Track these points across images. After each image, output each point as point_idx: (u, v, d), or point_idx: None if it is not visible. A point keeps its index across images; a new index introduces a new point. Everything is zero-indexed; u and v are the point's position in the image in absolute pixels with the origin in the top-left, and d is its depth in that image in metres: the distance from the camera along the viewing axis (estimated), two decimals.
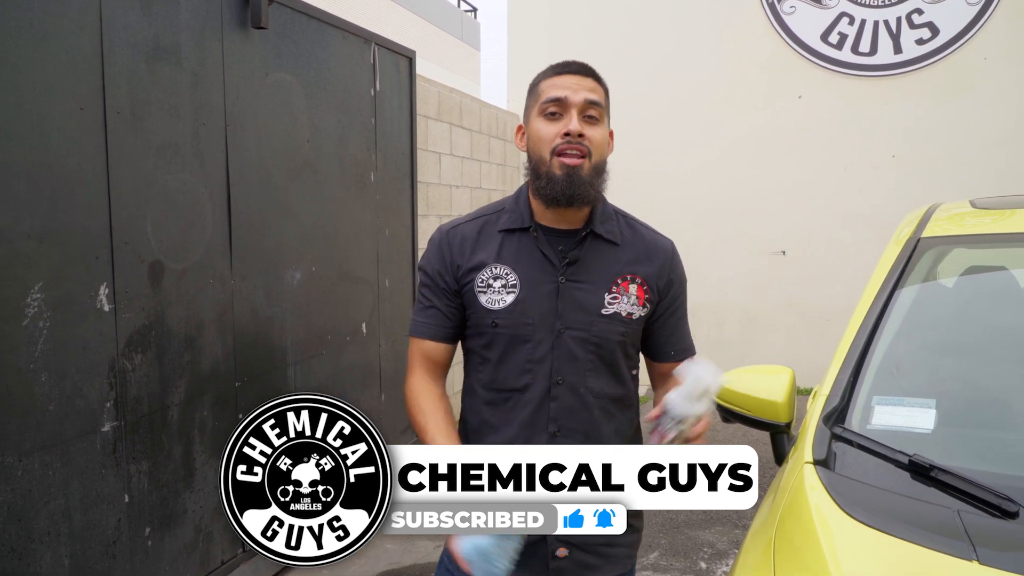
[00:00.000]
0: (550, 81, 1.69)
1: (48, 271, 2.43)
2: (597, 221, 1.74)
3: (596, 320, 1.70)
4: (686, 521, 4.27)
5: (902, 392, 1.96)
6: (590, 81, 1.69)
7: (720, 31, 6.99)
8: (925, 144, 6.63)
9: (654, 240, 1.82)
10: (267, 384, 3.49)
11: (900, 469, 1.68)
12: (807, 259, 6.96)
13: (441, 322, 1.76)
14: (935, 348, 2.16)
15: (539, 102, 1.69)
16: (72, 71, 2.50)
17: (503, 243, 1.73)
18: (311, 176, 3.75)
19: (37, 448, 2.41)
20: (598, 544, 1.75)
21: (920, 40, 6.60)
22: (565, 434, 1.70)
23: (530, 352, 1.70)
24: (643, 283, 1.75)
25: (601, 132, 1.69)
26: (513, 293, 1.70)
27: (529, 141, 1.72)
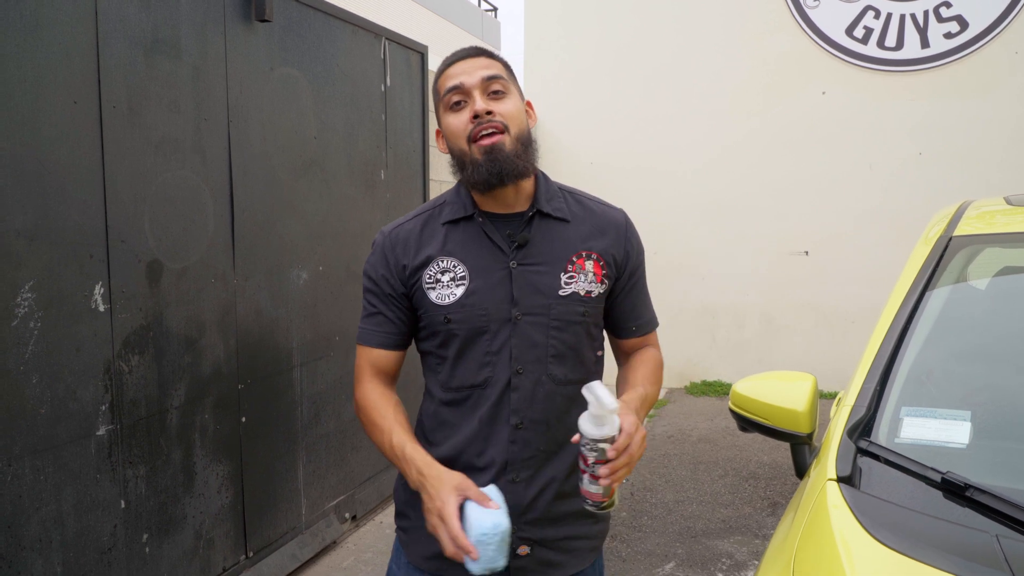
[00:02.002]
0: (445, 74, 1.63)
1: (39, 270, 2.35)
2: (543, 200, 1.66)
3: (554, 302, 1.62)
4: (704, 530, 4.15)
5: (933, 403, 1.83)
6: (482, 60, 1.62)
7: (741, 25, 6.83)
8: (953, 141, 6.44)
9: (605, 213, 1.74)
10: (272, 387, 3.40)
11: (932, 488, 1.55)
12: (830, 259, 6.79)
13: (388, 328, 1.69)
14: (969, 355, 2.02)
15: (442, 98, 1.63)
16: (65, 63, 2.42)
17: (448, 235, 1.65)
18: (318, 173, 3.66)
19: (28, 452, 2.33)
20: (560, 539, 1.67)
21: (948, 34, 6.41)
22: (528, 426, 1.62)
23: (487, 344, 1.61)
24: (599, 258, 1.67)
25: (512, 103, 1.61)
26: (463, 285, 1.62)
27: (447, 140, 1.64)
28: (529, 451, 1.62)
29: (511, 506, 1.60)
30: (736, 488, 4.75)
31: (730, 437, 5.75)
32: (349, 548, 3.88)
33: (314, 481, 3.71)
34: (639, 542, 4.00)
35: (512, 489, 1.62)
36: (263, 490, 3.36)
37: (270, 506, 3.41)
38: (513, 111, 1.60)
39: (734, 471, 5.05)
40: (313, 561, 3.69)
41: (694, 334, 7.07)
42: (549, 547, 1.66)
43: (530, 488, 1.63)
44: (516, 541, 1.62)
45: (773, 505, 4.48)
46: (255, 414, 3.29)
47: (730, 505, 4.49)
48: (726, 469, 5.08)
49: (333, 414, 3.84)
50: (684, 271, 7.02)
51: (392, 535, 4.02)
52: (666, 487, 4.77)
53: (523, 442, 1.62)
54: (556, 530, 1.67)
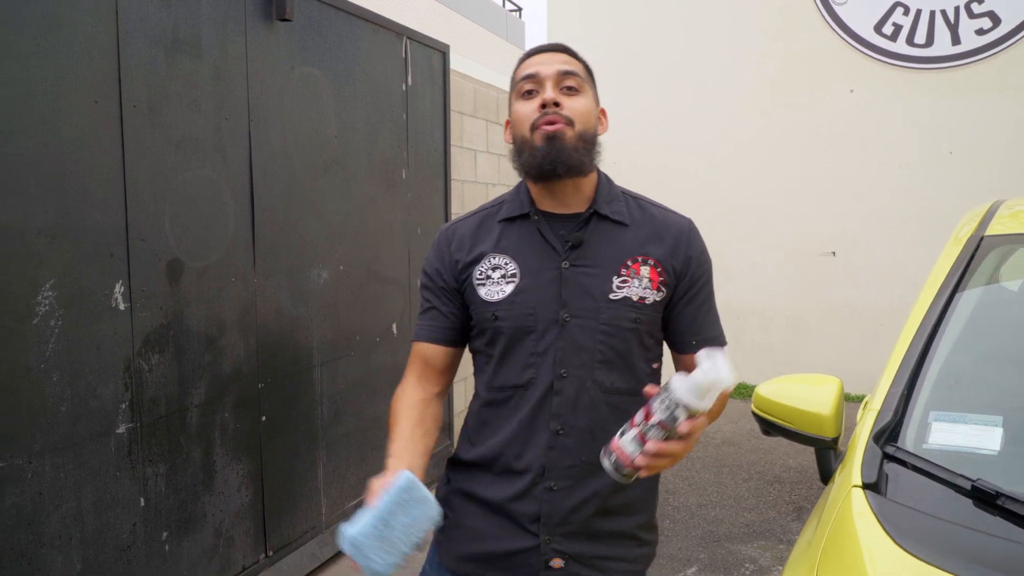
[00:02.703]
0: (524, 64, 1.62)
1: (60, 268, 2.35)
2: (602, 201, 1.62)
3: (604, 306, 1.56)
4: (727, 534, 4.09)
5: (963, 407, 1.77)
6: (563, 55, 1.61)
7: (767, 22, 6.76)
8: (985, 139, 6.33)
9: (668, 218, 1.67)
10: (292, 386, 3.39)
11: (961, 496, 1.50)
12: (858, 260, 6.69)
13: (439, 323, 1.67)
14: (1000, 358, 1.96)
15: (515, 85, 1.61)
16: (86, 63, 2.42)
17: (503, 233, 1.63)
18: (339, 172, 3.65)
19: (48, 450, 2.34)
20: (597, 557, 1.61)
21: (980, 30, 6.30)
22: (568, 432, 1.57)
23: (533, 345, 1.57)
24: (656, 264, 1.60)
25: (584, 102, 1.58)
26: (512, 283, 1.58)
27: (513, 128, 1.62)
28: (569, 459, 1.57)
29: (547, 514, 1.58)
30: (760, 492, 4.69)
31: (755, 440, 5.68)
32: None
33: (334, 480, 3.71)
34: (661, 546, 3.95)
35: (550, 497, 1.58)
36: (283, 489, 3.35)
37: (290, 505, 3.41)
38: (583, 109, 1.57)
39: (758, 474, 4.99)
40: (333, 561, 3.68)
41: None
42: (584, 563, 1.60)
43: (569, 499, 1.57)
44: (550, 552, 1.59)
45: (798, 510, 4.42)
46: (275, 413, 3.28)
47: (754, 509, 4.43)
48: (750, 472, 5.02)
49: (353, 413, 3.83)
50: None
51: None
52: (689, 490, 4.71)
53: (563, 449, 1.57)
54: (594, 547, 1.60)
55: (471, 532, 1.64)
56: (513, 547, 1.59)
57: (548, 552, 1.58)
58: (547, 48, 1.62)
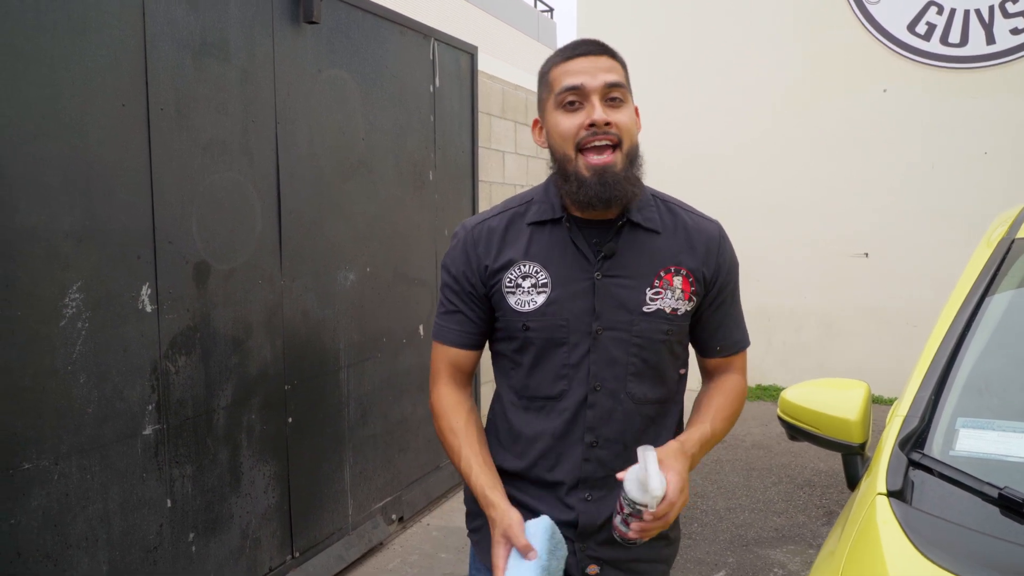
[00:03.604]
0: (562, 68, 1.51)
1: (87, 271, 2.38)
2: (635, 209, 1.56)
3: (638, 319, 1.53)
4: (756, 539, 4.05)
5: (991, 414, 1.74)
6: (606, 60, 1.50)
7: (800, 21, 6.68)
8: (1019, 140, 6.20)
9: (698, 225, 1.63)
10: (318, 387, 3.41)
11: (988, 504, 1.47)
12: (891, 261, 6.59)
13: (468, 328, 1.63)
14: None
15: (554, 93, 1.51)
16: (113, 67, 2.45)
17: (532, 238, 1.57)
18: (366, 174, 3.67)
19: (75, 451, 2.37)
20: (631, 560, 1.61)
21: (1015, 30, 6.17)
22: (603, 445, 1.56)
23: (565, 356, 1.54)
24: (689, 275, 1.57)
25: (627, 114, 1.50)
26: (544, 293, 1.54)
27: (550, 137, 1.54)
28: (604, 470, 1.57)
29: (583, 525, 1.58)
30: (790, 496, 4.64)
31: (785, 443, 5.62)
32: (395, 550, 3.87)
33: (361, 482, 3.72)
34: (689, 550, 3.92)
35: (585, 508, 1.58)
36: (310, 491, 3.37)
37: (316, 507, 3.43)
38: (628, 123, 1.50)
39: (788, 478, 4.93)
40: (359, 562, 3.69)
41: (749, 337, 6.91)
42: (620, 568, 1.61)
43: (603, 508, 1.57)
44: (585, 560, 1.59)
45: (828, 514, 4.36)
46: (302, 415, 3.30)
47: (783, 513, 4.38)
48: (780, 476, 4.96)
49: (380, 415, 3.84)
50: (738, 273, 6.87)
51: (437, 537, 4.01)
52: (718, 494, 4.67)
53: (597, 461, 1.57)
54: (628, 551, 1.60)
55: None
56: None
57: (584, 560, 1.58)
58: (588, 50, 1.51)
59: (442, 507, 4.36)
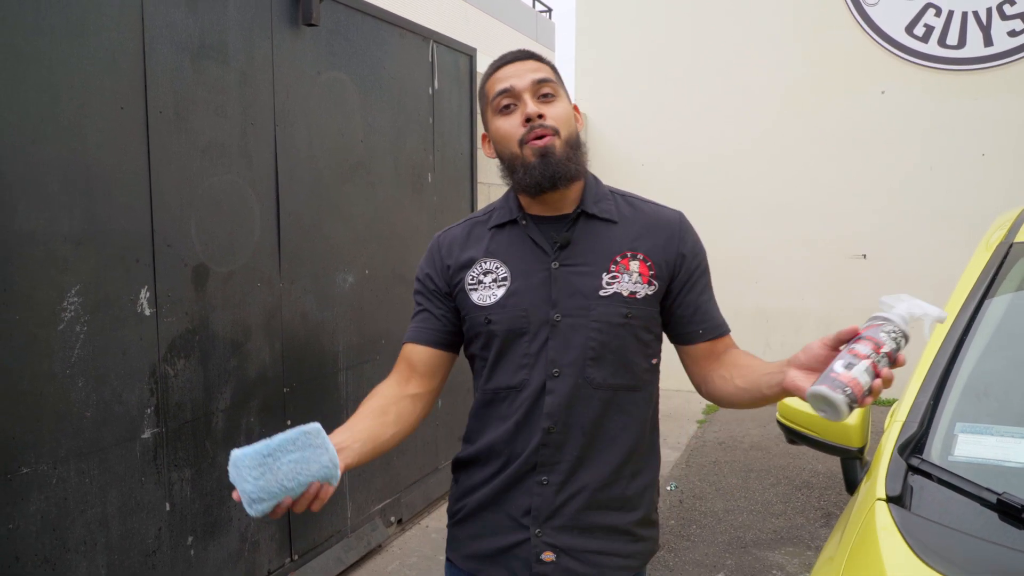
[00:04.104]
0: (493, 77, 1.62)
1: (86, 274, 2.38)
2: (589, 201, 1.63)
3: (594, 303, 1.57)
4: (754, 540, 4.05)
5: (990, 419, 1.74)
6: (531, 62, 1.61)
7: (798, 23, 6.68)
8: (1018, 142, 6.21)
9: (657, 213, 1.68)
10: (317, 390, 3.41)
11: (986, 509, 1.47)
12: (889, 263, 6.60)
13: (428, 324, 1.68)
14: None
15: (490, 101, 1.61)
16: (112, 69, 2.45)
17: (493, 238, 1.65)
18: (364, 176, 3.66)
19: (73, 455, 2.36)
20: (588, 552, 1.61)
21: (1012, 32, 6.19)
22: (560, 430, 1.58)
23: (526, 346, 1.58)
24: (646, 258, 1.61)
25: (562, 107, 1.59)
26: (504, 286, 1.60)
27: (496, 144, 1.63)
28: (559, 455, 1.59)
29: (537, 508, 1.61)
30: (788, 497, 4.64)
31: (783, 445, 5.62)
32: (394, 552, 3.87)
33: (360, 485, 3.72)
34: (687, 551, 3.92)
35: (541, 492, 1.60)
36: None
37: None
38: (563, 114, 1.58)
39: (787, 480, 4.93)
40: (358, 565, 3.69)
41: (747, 338, 6.92)
42: (575, 558, 1.61)
43: (560, 493, 1.59)
44: (541, 546, 1.61)
45: (827, 516, 4.36)
46: (301, 417, 3.30)
47: (782, 515, 4.38)
48: (778, 477, 4.97)
49: None
50: (737, 274, 6.88)
51: (436, 539, 4.01)
52: (716, 495, 4.67)
53: (554, 446, 1.59)
54: (585, 541, 1.62)
55: (471, 530, 1.69)
56: (507, 542, 1.63)
57: (539, 545, 1.60)
58: (513, 58, 1.62)
59: (440, 509, 4.36)
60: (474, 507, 1.67)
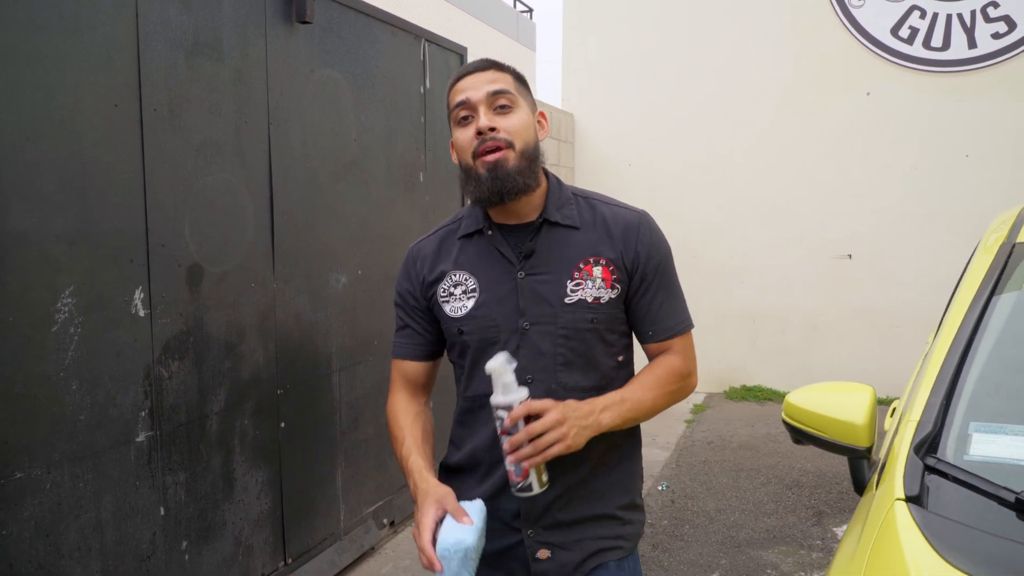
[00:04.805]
0: (454, 89, 1.65)
1: (79, 274, 2.33)
2: (552, 208, 1.66)
3: (560, 311, 1.62)
4: (747, 540, 4.05)
5: (1002, 418, 1.74)
6: (490, 73, 1.63)
7: (784, 25, 6.71)
8: (1001, 143, 6.27)
9: (618, 215, 1.70)
10: (311, 392, 3.37)
11: (1004, 508, 1.47)
12: (874, 263, 6.64)
13: (416, 340, 1.75)
14: None
15: (451, 112, 1.65)
16: (106, 67, 2.40)
17: (462, 249, 1.70)
18: (358, 176, 3.63)
19: (67, 460, 2.31)
20: (584, 539, 1.68)
21: (996, 34, 6.25)
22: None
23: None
24: (609, 263, 1.65)
25: (518, 118, 1.61)
26: (473, 297, 1.66)
27: (456, 153, 1.67)
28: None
29: (526, 512, 1.66)
30: (779, 496, 4.65)
31: (772, 444, 5.64)
32: (387, 555, 3.84)
33: (353, 487, 3.68)
34: (681, 551, 3.92)
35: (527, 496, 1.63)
36: (302, 496, 3.33)
37: (309, 512, 3.39)
38: (518, 126, 1.60)
39: (777, 479, 4.94)
40: (351, 567, 3.65)
41: (734, 338, 6.95)
42: (569, 549, 1.68)
43: (544, 496, 1.62)
44: (535, 545, 1.67)
45: (818, 515, 4.37)
46: (294, 419, 3.26)
47: (773, 514, 4.39)
48: (768, 476, 4.98)
49: (372, 419, 3.81)
50: (724, 274, 6.90)
51: None
52: (707, 495, 4.67)
53: None
54: (577, 532, 1.68)
55: None
56: (502, 545, 1.68)
57: (533, 545, 1.67)
58: (472, 69, 1.64)
59: None
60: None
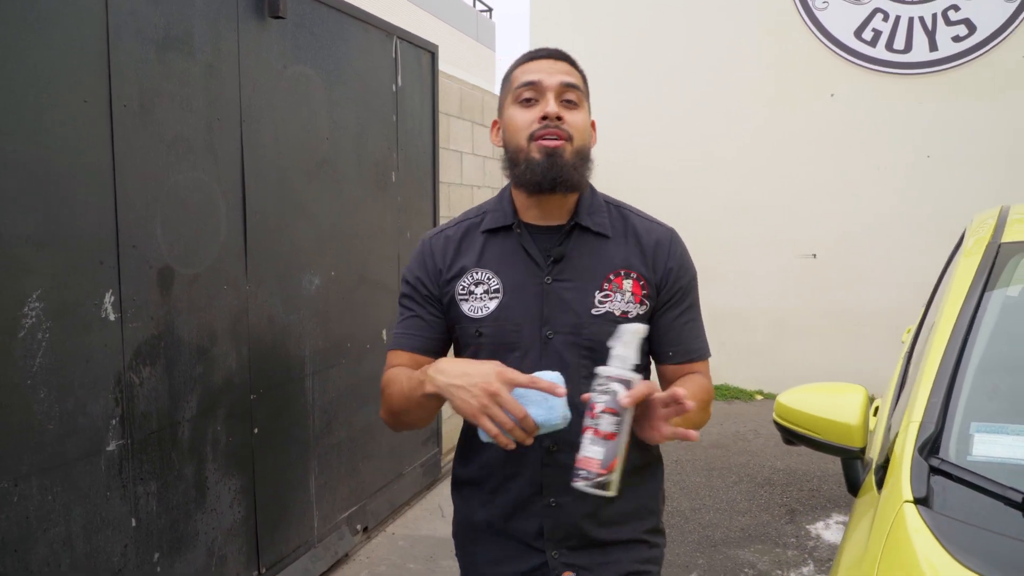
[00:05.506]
0: (523, 67, 1.57)
1: (48, 278, 2.23)
2: (584, 213, 1.58)
3: (586, 322, 1.53)
4: (723, 539, 4.05)
5: (1002, 418, 1.73)
6: (565, 64, 1.57)
7: (749, 27, 6.75)
8: (961, 144, 6.38)
9: (649, 229, 1.64)
10: (284, 396, 3.28)
11: (1012, 508, 1.46)
12: (839, 262, 6.71)
13: (422, 331, 1.62)
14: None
15: (512, 90, 1.56)
16: (75, 60, 2.30)
17: (486, 245, 1.60)
18: (330, 175, 3.55)
19: (35, 471, 2.21)
20: (610, 562, 1.59)
21: (956, 37, 6.35)
22: (563, 448, 1.52)
23: (517, 361, 1.52)
24: (640, 278, 1.58)
25: (582, 117, 1.55)
26: (496, 298, 1.55)
27: (505, 132, 1.58)
28: (567, 475, 1.48)
29: (550, 530, 1.57)
30: (752, 495, 4.66)
31: (741, 442, 5.67)
32: (362, 561, 3.76)
33: (326, 493, 3.60)
34: None
35: (550, 513, 1.56)
36: (276, 503, 3.24)
37: (283, 520, 3.30)
38: (581, 125, 1.54)
39: (748, 477, 4.96)
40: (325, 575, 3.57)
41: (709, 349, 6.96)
42: (596, 572, 1.59)
43: (571, 514, 1.55)
44: (560, 567, 1.58)
45: (791, 512, 4.39)
46: (267, 425, 3.17)
47: (747, 512, 4.40)
48: (740, 475, 5.00)
49: (345, 423, 3.73)
50: None
51: (404, 547, 3.90)
52: (681, 495, 4.67)
53: (557, 465, 1.53)
54: (604, 555, 1.59)
55: (486, 556, 1.65)
56: (524, 568, 1.59)
57: (558, 567, 1.57)
58: (549, 54, 1.58)
59: (406, 515, 4.26)
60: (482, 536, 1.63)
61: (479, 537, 1.65)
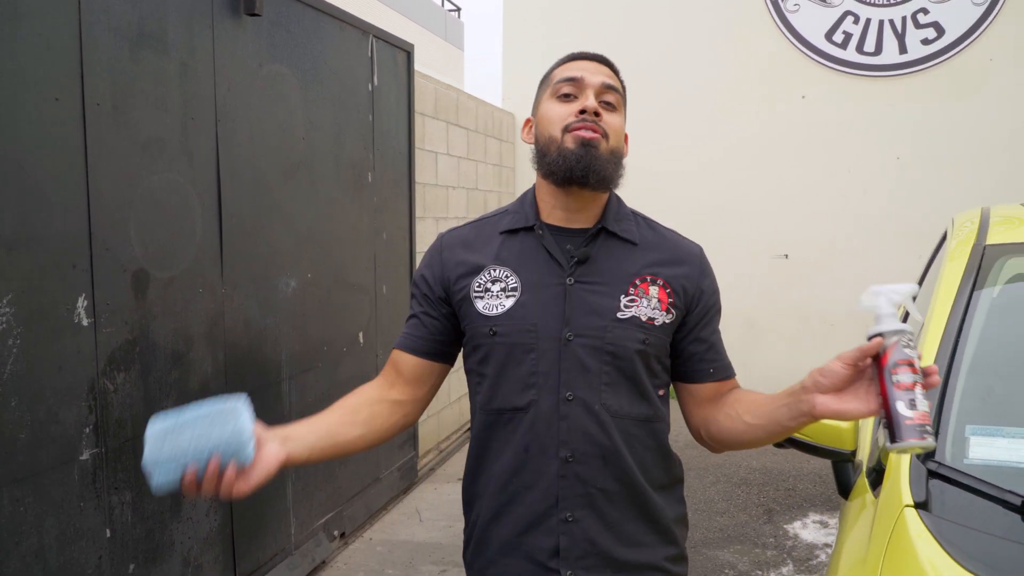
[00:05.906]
0: (565, 66, 1.54)
1: (18, 282, 2.15)
2: (611, 218, 1.53)
3: (611, 325, 1.45)
4: (703, 540, 4.05)
5: (997, 421, 1.73)
6: (608, 69, 1.56)
7: (721, 29, 6.78)
8: (930, 146, 6.46)
9: (679, 242, 1.60)
10: (260, 401, 3.21)
11: (1010, 512, 1.46)
12: (810, 263, 6.76)
13: (417, 332, 1.57)
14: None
15: (551, 86, 1.53)
16: (46, 58, 2.23)
17: (504, 244, 1.53)
18: (306, 176, 3.49)
19: (6, 482, 2.13)
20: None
21: (926, 40, 6.43)
22: (580, 459, 1.44)
23: (533, 364, 1.45)
24: (666, 285, 1.50)
25: (619, 121, 1.53)
26: (513, 297, 1.48)
27: (538, 126, 1.54)
28: (583, 488, 1.45)
29: (566, 548, 1.46)
30: (729, 495, 4.67)
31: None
32: (339, 568, 3.70)
33: (303, 499, 3.54)
34: None
35: (567, 529, 1.46)
36: (252, 511, 3.18)
37: (259, 527, 3.23)
38: (618, 127, 1.52)
39: (725, 477, 4.97)
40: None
41: None
42: None
43: (588, 530, 1.45)
44: None
45: (768, 512, 4.41)
46: None
47: (725, 513, 4.41)
48: (717, 476, 5.00)
49: None
50: None
51: (382, 552, 3.85)
52: None
53: (575, 477, 1.45)
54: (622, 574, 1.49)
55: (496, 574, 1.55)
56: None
57: None
58: (594, 57, 1.56)
59: (383, 520, 4.20)
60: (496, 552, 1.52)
61: (492, 559, 1.54)
